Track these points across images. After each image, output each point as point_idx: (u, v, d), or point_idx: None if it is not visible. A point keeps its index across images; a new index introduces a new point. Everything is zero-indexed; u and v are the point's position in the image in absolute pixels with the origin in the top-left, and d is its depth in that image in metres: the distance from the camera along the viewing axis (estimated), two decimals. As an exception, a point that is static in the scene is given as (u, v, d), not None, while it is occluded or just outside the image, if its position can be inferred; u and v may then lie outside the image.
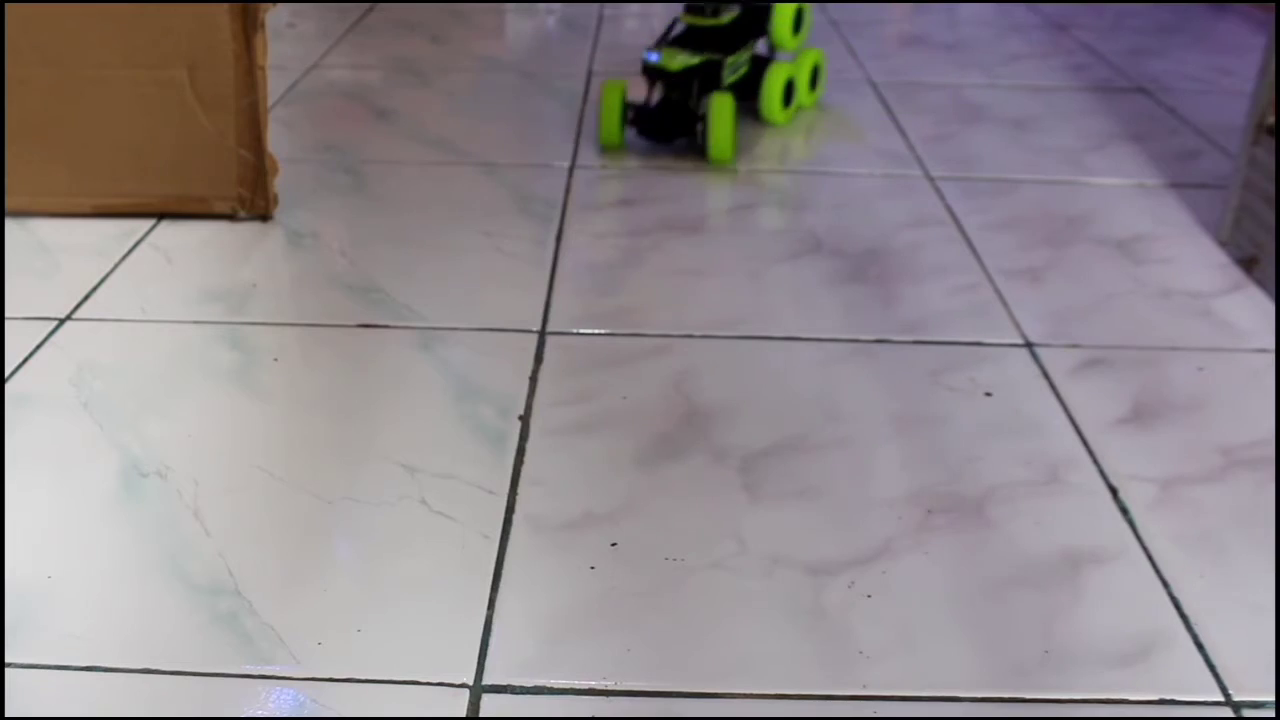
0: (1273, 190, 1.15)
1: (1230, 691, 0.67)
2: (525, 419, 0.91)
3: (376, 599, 0.72)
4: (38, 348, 0.99)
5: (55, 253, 1.16)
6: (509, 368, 0.98)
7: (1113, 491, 0.84)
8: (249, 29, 1.17)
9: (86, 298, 1.08)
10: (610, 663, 0.67)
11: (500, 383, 0.96)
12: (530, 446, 0.87)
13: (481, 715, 0.64)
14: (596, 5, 2.29)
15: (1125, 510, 0.82)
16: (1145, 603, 0.73)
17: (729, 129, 1.42)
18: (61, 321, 1.03)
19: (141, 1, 1.15)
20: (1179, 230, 1.30)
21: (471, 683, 0.66)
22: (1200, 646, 0.70)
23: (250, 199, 1.24)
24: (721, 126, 1.42)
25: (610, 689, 0.66)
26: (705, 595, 0.73)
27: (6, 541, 0.75)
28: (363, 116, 1.60)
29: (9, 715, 0.62)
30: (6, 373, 0.95)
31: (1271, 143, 1.16)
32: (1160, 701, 0.66)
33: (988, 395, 0.96)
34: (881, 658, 0.68)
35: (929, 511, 0.81)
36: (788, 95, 1.58)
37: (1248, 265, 1.19)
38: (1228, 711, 0.65)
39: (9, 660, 0.66)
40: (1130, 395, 0.96)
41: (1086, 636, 0.70)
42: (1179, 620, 0.72)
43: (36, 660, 0.66)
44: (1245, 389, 0.98)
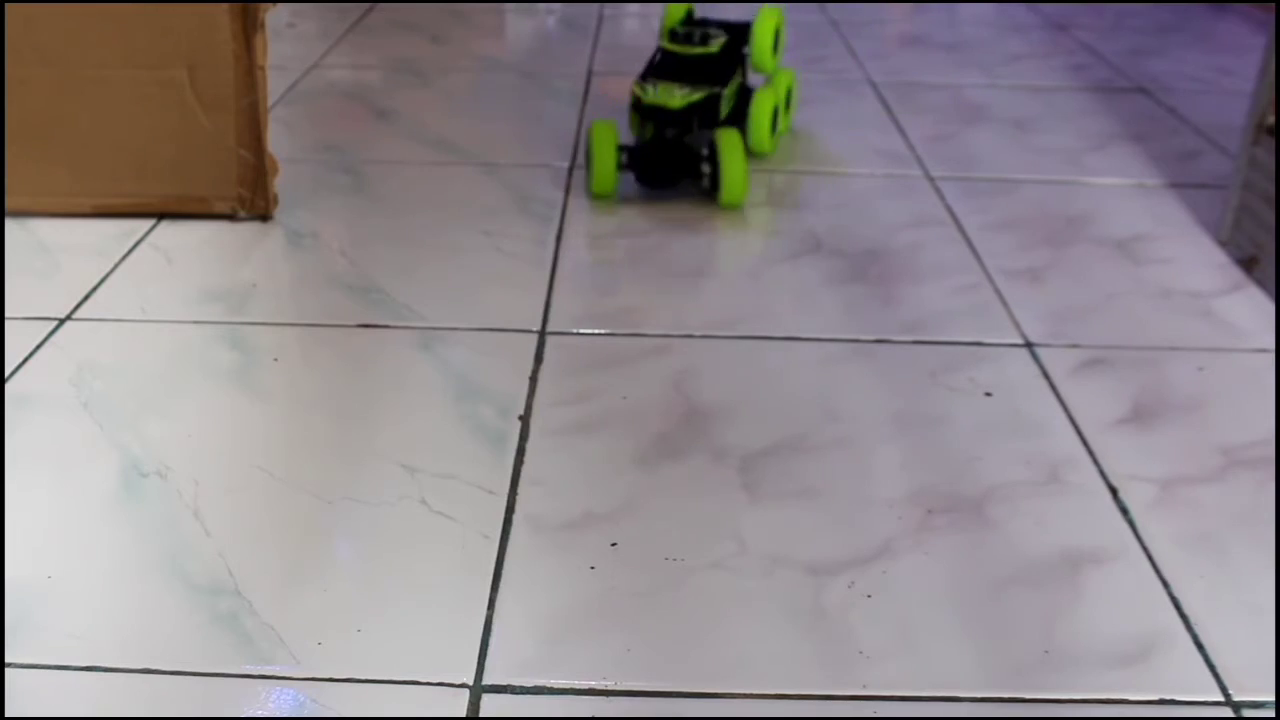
0: (1273, 190, 1.15)
1: (1230, 691, 0.67)
2: (525, 419, 0.91)
3: (376, 599, 0.72)
4: (38, 348, 0.99)
5: (55, 253, 1.16)
6: (509, 368, 0.98)
7: (1113, 491, 0.84)
8: (249, 29, 1.17)
9: (86, 298, 1.08)
10: (610, 663, 0.67)
11: (500, 383, 0.96)
12: (530, 446, 0.87)
13: (481, 715, 0.64)
14: (596, 5, 2.29)
15: (1125, 510, 0.82)
16: (1145, 603, 0.73)
17: (743, 169, 1.28)
18: (61, 321, 1.03)
19: (141, 1, 1.15)
20: (1179, 230, 1.30)
21: (471, 683, 0.66)
22: (1200, 646, 0.70)
23: (250, 199, 1.24)
24: (735, 167, 1.27)
25: (610, 689, 0.66)
26: (705, 595, 0.73)
27: (6, 541, 0.75)
28: (363, 116, 1.60)
29: (9, 715, 0.62)
30: (6, 373, 0.95)
31: (1271, 143, 1.16)
32: (1160, 701, 0.66)
33: (988, 395, 0.96)
34: (881, 658, 0.68)
35: (929, 511, 0.81)
36: (773, 123, 1.46)
37: (1248, 265, 1.19)
38: (1228, 711, 0.65)
39: (9, 660, 0.66)
40: (1130, 395, 0.96)
41: (1086, 636, 0.70)
42: (1179, 620, 0.72)
43: (36, 660, 0.66)
44: (1245, 389, 0.98)
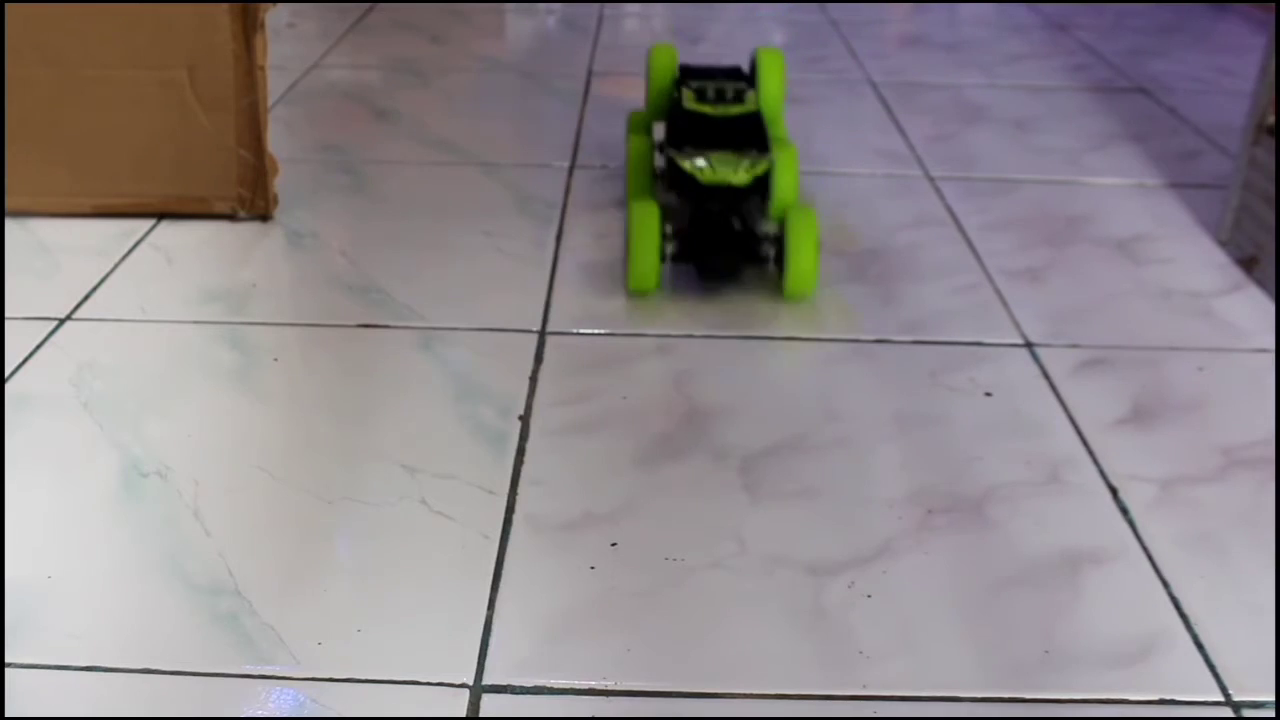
0: (1273, 190, 1.15)
1: (1230, 691, 0.67)
2: (525, 419, 0.91)
3: (376, 599, 0.72)
4: (38, 348, 0.99)
5: (55, 253, 1.16)
6: (509, 368, 0.98)
7: (1113, 491, 0.84)
8: (249, 29, 1.17)
9: (86, 298, 1.07)
10: (610, 663, 0.67)
11: (500, 383, 0.96)
12: (530, 446, 0.87)
13: (481, 715, 0.64)
14: (596, 5, 2.29)
15: (1125, 510, 0.82)
16: (1145, 603, 0.73)
17: (815, 255, 1.06)
18: (61, 321, 1.03)
19: (141, 1, 1.15)
20: (1179, 230, 1.30)
21: (471, 683, 0.66)
22: (1200, 646, 0.70)
23: (250, 199, 1.24)
24: (808, 253, 1.05)
25: (610, 689, 0.66)
26: (705, 595, 0.73)
27: (6, 541, 0.75)
28: (363, 116, 1.60)
29: (9, 715, 0.62)
30: (6, 373, 0.95)
31: (1271, 143, 1.16)
32: (1160, 701, 0.66)
33: (988, 395, 0.96)
34: (881, 658, 0.68)
35: (929, 511, 0.81)
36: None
37: (1248, 265, 1.19)
38: (1228, 711, 0.65)
39: (9, 660, 0.66)
40: (1130, 395, 0.96)
41: (1086, 636, 0.70)
42: (1179, 620, 0.72)
43: (36, 660, 0.66)
44: (1245, 389, 0.98)
